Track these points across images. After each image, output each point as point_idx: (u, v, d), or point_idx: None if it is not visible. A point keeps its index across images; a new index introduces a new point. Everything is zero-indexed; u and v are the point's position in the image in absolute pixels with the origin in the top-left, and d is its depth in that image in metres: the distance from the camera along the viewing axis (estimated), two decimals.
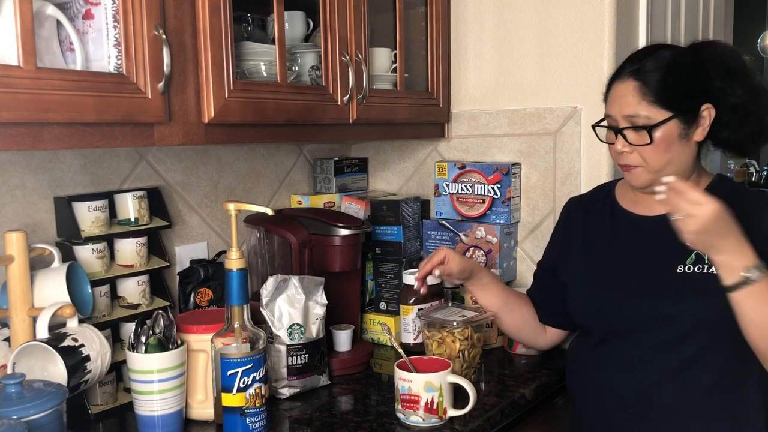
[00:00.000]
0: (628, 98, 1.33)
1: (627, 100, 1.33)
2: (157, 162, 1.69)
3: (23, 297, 1.29)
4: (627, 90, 1.34)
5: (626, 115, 1.33)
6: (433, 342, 1.58)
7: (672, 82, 1.32)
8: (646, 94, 1.31)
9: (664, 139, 1.31)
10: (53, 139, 1.09)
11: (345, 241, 1.68)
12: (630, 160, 1.35)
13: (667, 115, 1.31)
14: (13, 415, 1.07)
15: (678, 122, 1.31)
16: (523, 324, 1.63)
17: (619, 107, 1.35)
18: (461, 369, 1.56)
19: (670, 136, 1.32)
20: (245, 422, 1.29)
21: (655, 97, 1.31)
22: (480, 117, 1.98)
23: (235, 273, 1.30)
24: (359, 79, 1.64)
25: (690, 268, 1.32)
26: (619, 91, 1.36)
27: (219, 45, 1.31)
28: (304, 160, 2.11)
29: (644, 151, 1.33)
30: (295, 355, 1.51)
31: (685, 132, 1.33)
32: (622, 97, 1.35)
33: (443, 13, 1.97)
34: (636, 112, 1.32)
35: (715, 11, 2.34)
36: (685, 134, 1.33)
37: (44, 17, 1.14)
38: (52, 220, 1.48)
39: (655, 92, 1.31)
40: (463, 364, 1.57)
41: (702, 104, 1.32)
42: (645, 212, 1.43)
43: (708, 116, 1.32)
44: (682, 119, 1.32)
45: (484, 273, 1.62)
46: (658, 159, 1.33)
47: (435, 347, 1.57)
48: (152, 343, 1.29)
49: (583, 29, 1.80)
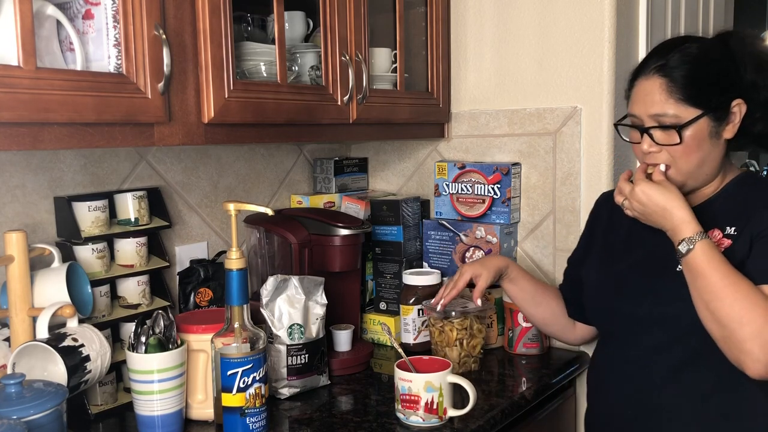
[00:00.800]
0: (655, 96, 1.27)
1: (653, 98, 1.27)
2: (157, 162, 1.69)
3: (23, 297, 1.29)
4: (653, 87, 1.28)
5: (653, 114, 1.28)
6: (435, 330, 1.65)
7: (700, 78, 1.26)
8: (673, 92, 1.25)
9: (694, 138, 1.26)
10: (53, 139, 1.09)
11: (345, 241, 1.68)
12: (658, 159, 1.30)
13: (697, 113, 1.25)
14: (13, 415, 1.07)
15: (708, 120, 1.26)
16: (552, 318, 1.62)
17: (645, 106, 1.29)
18: (459, 357, 1.62)
19: (700, 134, 1.26)
20: (245, 422, 1.29)
21: (683, 94, 1.25)
22: (480, 117, 1.98)
23: (235, 273, 1.30)
24: (359, 79, 1.64)
25: None
26: (644, 89, 1.29)
27: (219, 45, 1.31)
28: (304, 160, 2.11)
29: (674, 151, 1.28)
30: (295, 355, 1.51)
31: (715, 130, 1.27)
32: (647, 95, 1.28)
33: (443, 13, 1.97)
34: (663, 111, 1.26)
35: (715, 11, 2.34)
36: (716, 132, 1.28)
37: (44, 17, 1.14)
38: (52, 220, 1.48)
39: (682, 89, 1.25)
40: (461, 352, 1.62)
41: (733, 100, 1.27)
42: None
43: (739, 112, 1.28)
44: (713, 116, 1.26)
45: (512, 268, 1.63)
46: (689, 160, 1.28)
47: (437, 335, 1.65)
48: (152, 343, 1.29)
49: (583, 29, 1.80)
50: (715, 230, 1.29)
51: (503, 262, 1.62)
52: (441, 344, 1.65)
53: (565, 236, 1.86)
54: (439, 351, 1.65)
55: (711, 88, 1.27)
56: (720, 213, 1.31)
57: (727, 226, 1.28)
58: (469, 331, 1.63)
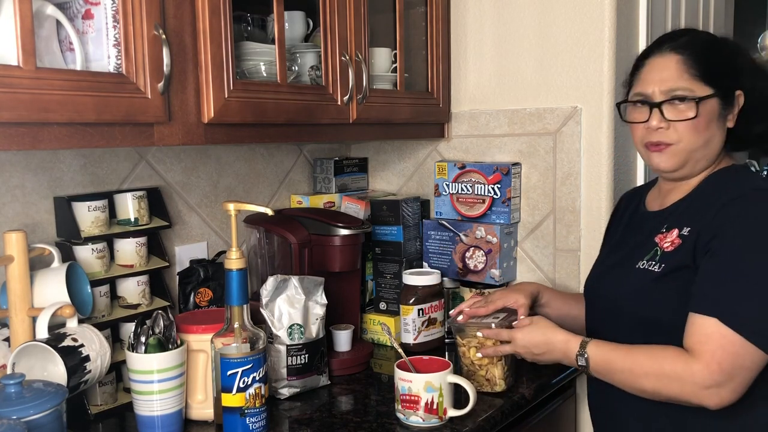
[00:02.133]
0: (671, 71, 1.28)
1: (669, 73, 1.28)
2: (157, 162, 1.69)
3: (23, 297, 1.29)
4: (668, 63, 1.29)
5: (668, 89, 1.28)
6: (470, 349, 1.50)
7: (713, 60, 1.29)
8: (690, 67, 1.27)
9: (706, 115, 1.27)
10: (53, 139, 1.09)
11: (345, 241, 1.68)
12: (665, 136, 1.30)
13: (710, 92, 1.27)
14: (13, 415, 1.06)
15: (718, 101, 1.28)
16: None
17: (659, 81, 1.29)
18: (503, 372, 1.50)
19: (712, 113, 1.28)
20: (245, 422, 1.29)
21: (699, 71, 1.27)
22: (480, 117, 1.98)
23: (234, 273, 1.30)
24: (359, 79, 1.64)
25: (644, 264, 1.32)
26: (658, 65, 1.31)
27: (219, 45, 1.30)
28: (304, 160, 2.11)
29: (684, 126, 1.28)
30: (295, 355, 1.51)
31: (723, 113, 1.29)
32: (662, 70, 1.30)
33: (443, 13, 1.97)
34: (679, 86, 1.27)
35: (715, 11, 2.34)
36: (723, 116, 1.30)
37: (44, 17, 1.14)
38: (52, 220, 1.48)
39: (698, 67, 1.27)
40: (505, 367, 1.51)
41: (737, 88, 1.30)
42: (652, 207, 1.43)
43: (738, 103, 1.30)
44: (722, 99, 1.28)
45: (543, 291, 1.61)
46: (696, 137, 1.28)
47: (473, 354, 1.49)
48: (152, 343, 1.29)
49: (583, 29, 1.80)
50: (675, 230, 1.31)
51: (534, 287, 1.61)
52: (482, 363, 1.49)
53: (565, 236, 1.86)
54: (478, 371, 1.50)
55: (723, 70, 1.29)
56: (686, 212, 1.32)
57: (685, 225, 1.30)
58: None
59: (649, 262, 1.31)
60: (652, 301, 1.29)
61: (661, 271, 1.28)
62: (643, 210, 1.45)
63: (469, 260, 1.91)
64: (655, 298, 1.29)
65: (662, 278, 1.28)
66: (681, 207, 1.34)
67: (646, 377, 1.23)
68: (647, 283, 1.30)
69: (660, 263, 1.29)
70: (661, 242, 1.31)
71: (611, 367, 1.28)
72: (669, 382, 1.20)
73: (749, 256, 1.19)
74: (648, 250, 1.33)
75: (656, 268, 1.29)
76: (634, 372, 1.24)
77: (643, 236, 1.37)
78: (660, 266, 1.29)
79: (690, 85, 1.27)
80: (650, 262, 1.31)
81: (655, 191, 1.45)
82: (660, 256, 1.30)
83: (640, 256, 1.34)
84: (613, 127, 1.78)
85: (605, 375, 1.30)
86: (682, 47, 1.30)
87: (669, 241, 1.30)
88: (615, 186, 1.80)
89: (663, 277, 1.28)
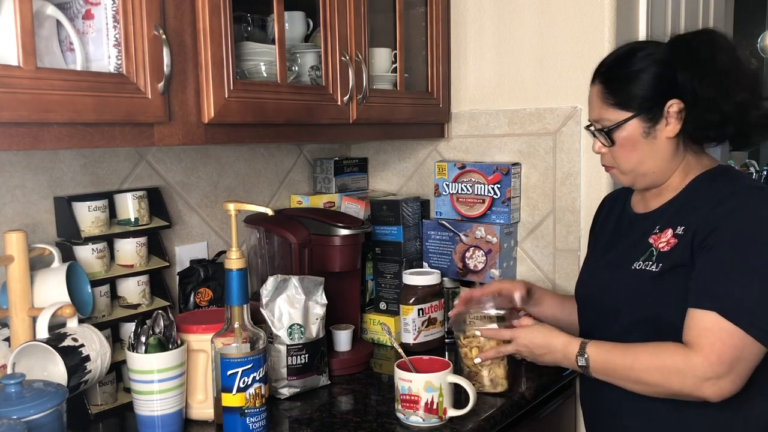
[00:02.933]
0: (594, 102, 1.36)
1: (593, 104, 1.37)
2: (157, 162, 1.69)
3: (23, 297, 1.29)
4: (593, 94, 1.36)
5: (593, 119, 1.37)
6: (472, 349, 1.50)
7: (629, 82, 1.31)
8: (606, 97, 1.33)
9: (627, 139, 1.32)
10: (53, 139, 1.09)
11: (345, 241, 1.68)
12: (606, 160, 1.39)
13: (627, 116, 1.31)
14: (13, 415, 1.06)
15: (640, 121, 1.30)
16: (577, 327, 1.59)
17: (590, 111, 1.38)
18: (506, 372, 1.51)
19: (632, 136, 1.31)
20: (245, 422, 1.29)
21: (613, 99, 1.32)
22: (480, 117, 1.98)
23: (235, 273, 1.30)
24: (359, 79, 1.64)
25: (640, 264, 1.32)
26: (589, 96, 1.38)
27: (219, 45, 1.31)
28: (304, 160, 2.11)
29: (612, 152, 1.35)
30: (295, 355, 1.51)
31: (649, 130, 1.31)
32: (590, 102, 1.38)
33: (443, 13, 1.97)
34: (600, 116, 1.34)
35: (715, 11, 2.34)
36: (650, 132, 1.31)
37: (44, 17, 1.14)
38: (52, 220, 1.48)
39: (612, 95, 1.32)
40: (507, 367, 1.51)
41: (666, 100, 1.29)
42: (638, 209, 1.43)
43: (675, 112, 1.29)
44: (645, 117, 1.30)
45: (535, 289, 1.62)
46: (626, 160, 1.34)
47: (475, 354, 1.49)
48: (152, 343, 1.29)
49: (583, 29, 1.80)
50: (668, 230, 1.32)
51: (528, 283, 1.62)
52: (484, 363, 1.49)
53: (565, 236, 1.86)
54: (481, 371, 1.50)
55: (637, 90, 1.30)
56: (677, 212, 1.33)
57: (679, 225, 1.30)
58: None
59: (645, 262, 1.32)
60: (652, 300, 1.30)
61: (659, 270, 1.29)
62: (629, 212, 1.46)
63: (469, 260, 1.91)
64: (655, 297, 1.29)
65: (661, 277, 1.29)
66: (671, 208, 1.35)
67: (647, 372, 1.23)
68: (646, 283, 1.30)
69: (657, 263, 1.30)
70: (656, 242, 1.32)
71: (611, 365, 1.28)
72: (669, 376, 1.21)
73: (745, 250, 1.21)
74: (643, 250, 1.33)
75: (654, 267, 1.30)
76: (635, 368, 1.25)
77: (635, 237, 1.38)
78: (658, 266, 1.30)
79: (609, 114, 1.32)
80: (647, 263, 1.31)
81: (638, 194, 1.46)
82: (657, 256, 1.31)
83: (635, 257, 1.34)
84: None
85: (605, 374, 1.30)
86: (601, 75, 1.35)
87: (664, 241, 1.31)
88: (615, 186, 1.80)
89: (661, 276, 1.28)
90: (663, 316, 1.28)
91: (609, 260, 1.43)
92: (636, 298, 1.32)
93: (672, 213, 1.34)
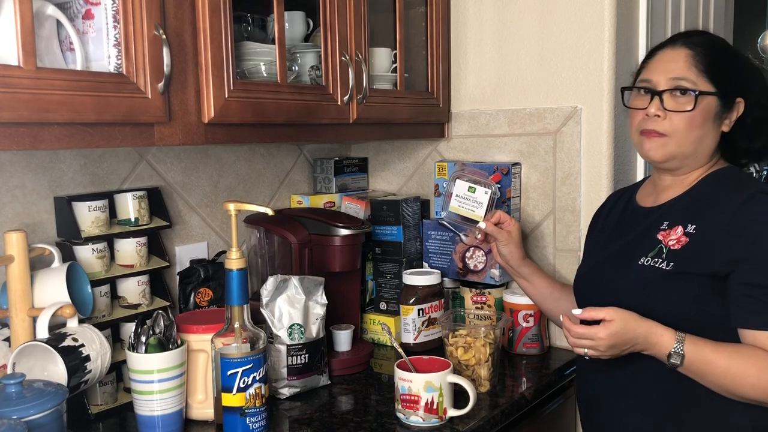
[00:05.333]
0: (679, 63, 1.32)
1: (677, 65, 1.32)
2: (157, 162, 1.69)
3: (23, 297, 1.29)
4: (678, 56, 1.33)
5: (673, 77, 1.31)
6: (458, 348, 1.54)
7: (722, 61, 1.32)
8: (699, 62, 1.31)
9: (703, 111, 1.30)
10: (53, 139, 1.09)
11: (345, 241, 1.68)
12: (659, 125, 1.32)
13: (712, 89, 1.30)
14: (13, 415, 1.07)
15: (717, 101, 1.31)
16: None
17: (666, 70, 1.33)
18: (489, 373, 1.54)
19: (709, 110, 1.31)
20: (245, 422, 1.29)
21: (705, 67, 1.30)
22: (480, 117, 1.98)
23: (235, 273, 1.30)
24: (359, 79, 1.64)
25: (648, 260, 1.32)
26: (667, 56, 1.35)
27: (219, 45, 1.31)
28: (304, 160, 2.11)
29: (679, 119, 1.30)
30: (295, 355, 1.51)
31: (720, 114, 1.32)
32: (670, 61, 1.33)
33: (443, 13, 1.97)
34: (683, 75, 1.31)
35: (715, 11, 2.34)
36: (719, 117, 1.32)
37: (44, 17, 1.14)
38: (52, 220, 1.48)
39: (706, 63, 1.31)
40: (491, 368, 1.54)
41: (738, 95, 1.33)
42: (645, 203, 1.43)
43: (737, 110, 1.33)
44: (722, 100, 1.31)
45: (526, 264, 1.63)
46: (688, 132, 1.31)
47: (461, 353, 1.53)
48: (152, 343, 1.29)
49: (583, 29, 1.80)
50: (678, 227, 1.31)
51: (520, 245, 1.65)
52: (469, 363, 1.53)
53: (565, 236, 1.86)
54: (464, 371, 1.53)
55: (729, 72, 1.32)
56: (687, 209, 1.33)
57: (689, 223, 1.30)
58: (495, 344, 1.54)
59: (654, 259, 1.31)
60: (661, 298, 1.28)
61: (671, 269, 1.28)
62: (634, 206, 1.45)
63: (469, 260, 1.91)
64: (663, 295, 1.28)
65: (672, 276, 1.27)
66: (680, 204, 1.35)
67: (752, 388, 1.21)
68: (655, 280, 1.29)
69: (668, 261, 1.29)
70: (665, 239, 1.31)
71: (710, 369, 1.23)
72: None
73: None
74: (650, 246, 1.33)
75: (664, 265, 1.29)
76: (737, 380, 1.21)
77: (639, 232, 1.37)
78: (668, 264, 1.28)
79: (694, 78, 1.30)
80: (656, 259, 1.30)
81: (648, 186, 1.46)
82: (666, 253, 1.29)
83: (642, 252, 1.33)
84: (613, 127, 1.78)
85: (698, 375, 1.25)
86: (694, 44, 1.34)
87: (674, 238, 1.30)
88: (615, 186, 1.80)
89: (673, 276, 1.27)
90: (669, 314, 1.26)
91: (611, 253, 1.42)
92: (642, 294, 1.31)
93: (681, 209, 1.33)
